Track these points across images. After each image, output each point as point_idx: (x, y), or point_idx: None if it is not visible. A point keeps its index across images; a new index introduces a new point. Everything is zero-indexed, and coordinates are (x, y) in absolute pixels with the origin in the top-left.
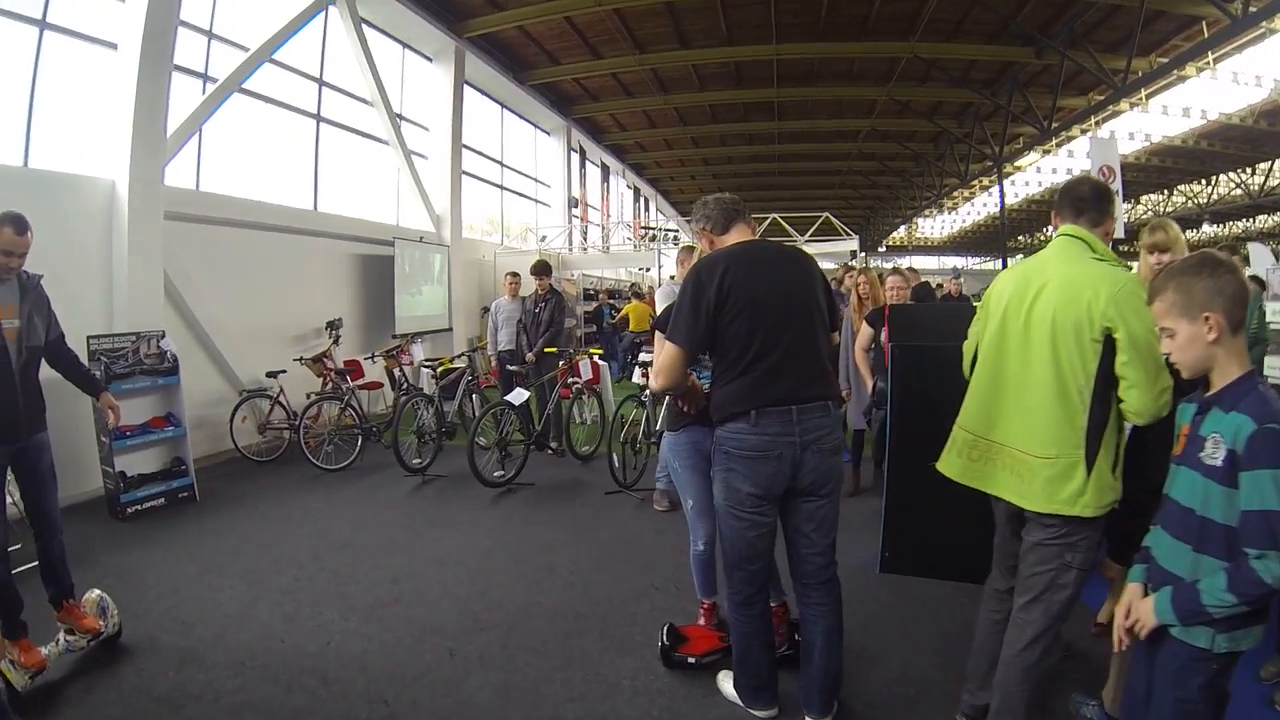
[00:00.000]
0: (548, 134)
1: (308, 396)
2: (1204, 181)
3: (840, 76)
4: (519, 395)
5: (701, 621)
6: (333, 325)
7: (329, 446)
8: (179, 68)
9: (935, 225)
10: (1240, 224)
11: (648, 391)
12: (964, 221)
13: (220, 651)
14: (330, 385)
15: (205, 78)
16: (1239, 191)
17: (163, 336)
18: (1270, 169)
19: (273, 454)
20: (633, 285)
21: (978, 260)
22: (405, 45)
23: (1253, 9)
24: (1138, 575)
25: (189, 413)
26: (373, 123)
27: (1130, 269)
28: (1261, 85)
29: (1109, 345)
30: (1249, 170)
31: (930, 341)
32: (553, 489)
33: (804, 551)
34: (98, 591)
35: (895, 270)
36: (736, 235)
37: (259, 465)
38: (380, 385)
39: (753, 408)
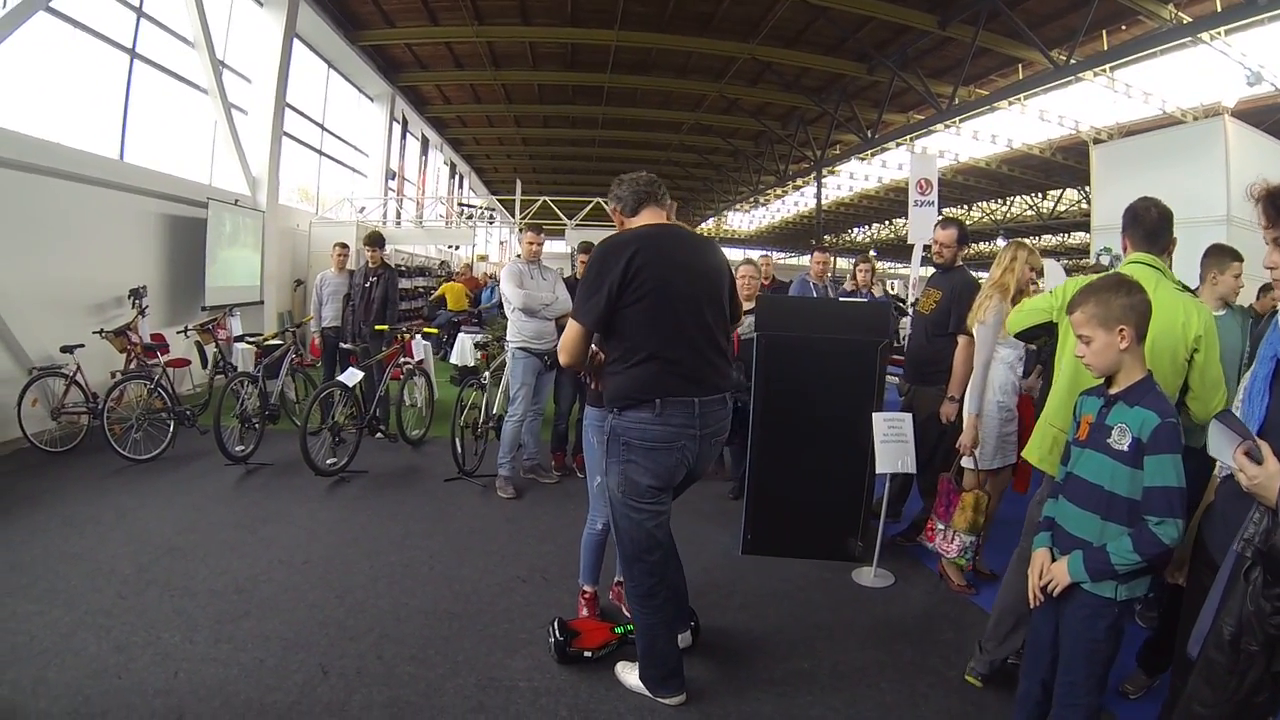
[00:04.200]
0: (371, 100)
1: (112, 375)
2: (1000, 201)
3: (674, 69)
4: (352, 375)
5: (585, 612)
6: (136, 294)
7: (137, 433)
8: None
9: (743, 219)
10: (1029, 241)
11: (485, 374)
12: (773, 217)
13: (43, 699)
14: (136, 362)
15: None
16: (1030, 213)
17: None
18: (1060, 196)
19: (70, 443)
20: (443, 264)
21: (782, 254)
22: None
23: (1072, 61)
24: (1044, 541)
25: None
26: (192, 67)
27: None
28: (1063, 124)
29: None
30: (1041, 195)
31: (795, 332)
32: (389, 477)
33: None
34: None
35: (748, 260)
36: (647, 217)
37: (54, 457)
38: (188, 362)
39: (658, 396)
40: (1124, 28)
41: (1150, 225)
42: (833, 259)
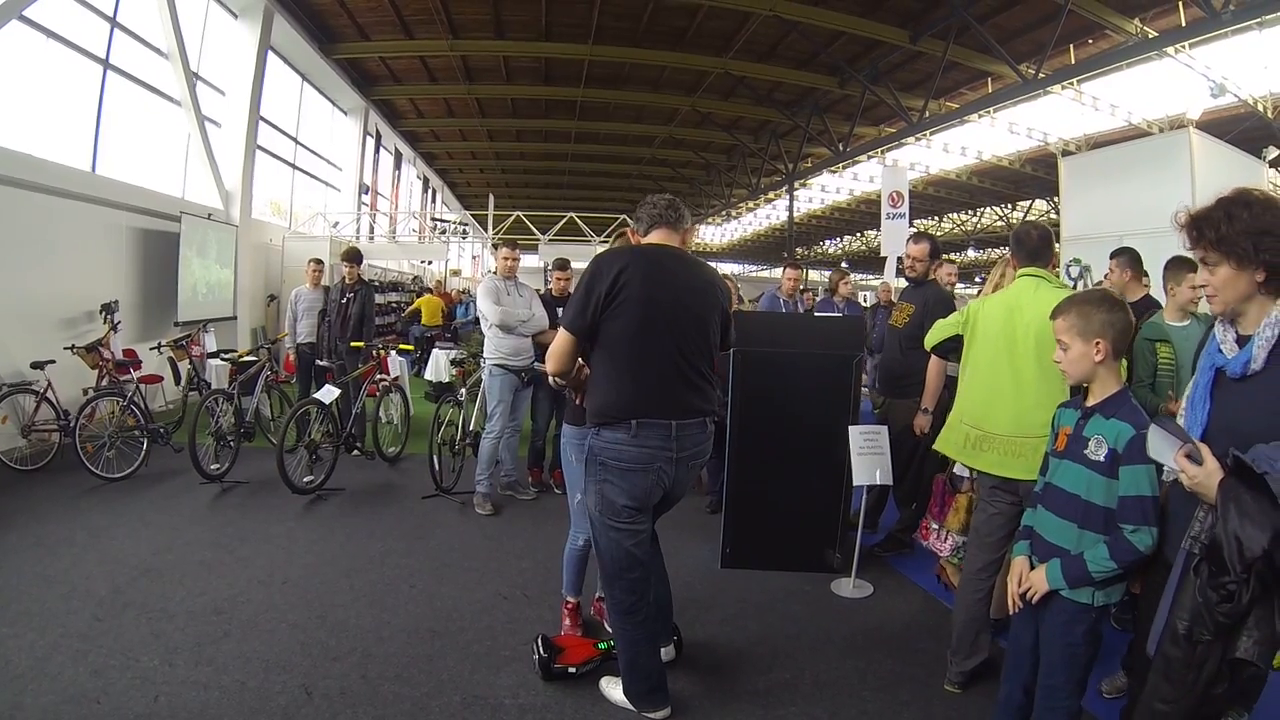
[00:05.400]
0: (345, 113)
1: (84, 392)
2: (971, 212)
3: (648, 83)
4: (329, 393)
5: (567, 623)
6: (108, 309)
7: (109, 451)
8: None
9: (714, 233)
10: (999, 251)
11: (462, 391)
12: (744, 230)
13: None
14: (108, 379)
15: None
16: (1000, 224)
17: None
18: (1030, 206)
19: (40, 461)
20: (415, 278)
21: (755, 268)
22: None
23: (1041, 75)
24: (1023, 550)
25: None
26: (165, 79)
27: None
28: (1031, 136)
29: None
30: (1010, 206)
31: (771, 347)
32: (366, 494)
33: None
34: None
35: (726, 276)
36: (657, 238)
37: (24, 475)
38: (160, 379)
39: (633, 417)
40: (1090, 42)
41: (1031, 246)
42: (804, 272)
